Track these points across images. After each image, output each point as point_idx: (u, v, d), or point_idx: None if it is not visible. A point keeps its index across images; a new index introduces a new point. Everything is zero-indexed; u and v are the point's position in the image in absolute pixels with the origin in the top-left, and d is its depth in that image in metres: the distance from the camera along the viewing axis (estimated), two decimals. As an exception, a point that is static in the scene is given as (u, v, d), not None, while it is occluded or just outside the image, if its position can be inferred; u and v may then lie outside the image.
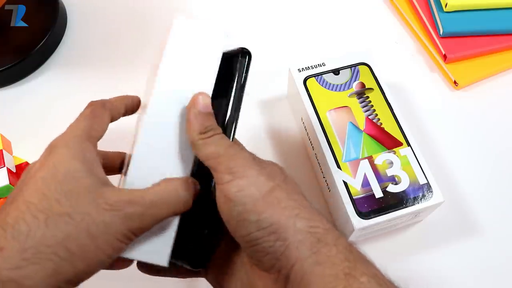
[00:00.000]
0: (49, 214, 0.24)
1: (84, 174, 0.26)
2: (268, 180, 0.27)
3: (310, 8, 0.63)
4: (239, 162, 0.27)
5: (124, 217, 0.25)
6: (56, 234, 0.23)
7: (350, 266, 0.25)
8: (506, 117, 0.52)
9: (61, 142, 0.29)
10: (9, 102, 0.57)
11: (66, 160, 0.26)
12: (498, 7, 0.56)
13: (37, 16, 0.61)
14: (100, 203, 0.25)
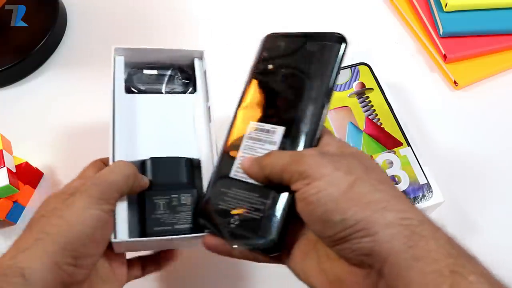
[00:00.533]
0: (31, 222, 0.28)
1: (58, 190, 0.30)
2: (346, 175, 0.25)
3: (310, 8, 0.63)
4: (309, 164, 0.26)
5: (83, 192, 0.29)
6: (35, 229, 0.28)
7: (454, 263, 0.22)
8: (506, 117, 0.52)
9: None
10: (9, 102, 0.57)
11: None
12: (498, 7, 0.56)
13: (37, 16, 0.61)
14: (63, 195, 0.29)
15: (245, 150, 0.32)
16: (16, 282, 0.24)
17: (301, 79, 0.32)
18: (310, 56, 0.32)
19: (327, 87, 0.31)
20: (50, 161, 0.52)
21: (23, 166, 0.48)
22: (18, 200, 0.48)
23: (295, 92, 0.32)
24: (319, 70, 0.32)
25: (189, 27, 0.62)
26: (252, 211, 0.29)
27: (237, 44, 0.60)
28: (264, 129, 0.32)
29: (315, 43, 0.33)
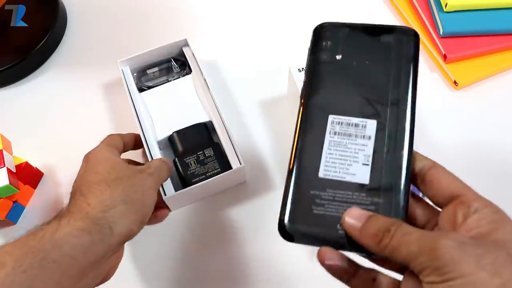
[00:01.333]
0: (107, 181, 0.35)
1: (112, 156, 0.39)
2: (493, 277, 0.21)
3: (310, 8, 0.63)
4: (447, 260, 0.22)
5: (150, 175, 0.38)
6: (117, 190, 0.34)
7: None
8: (506, 117, 0.52)
9: (92, 150, 0.40)
10: (9, 102, 0.57)
11: (99, 152, 0.39)
12: (498, 7, 0.56)
13: (37, 16, 0.61)
14: (132, 168, 0.38)
15: (331, 146, 0.29)
16: (105, 232, 0.31)
17: (379, 71, 0.30)
18: (386, 49, 0.30)
19: (413, 82, 0.29)
20: (50, 161, 0.52)
21: (23, 166, 0.48)
22: (18, 200, 0.48)
23: (375, 86, 0.30)
24: (400, 64, 0.30)
25: (187, 25, 0.62)
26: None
27: (228, 36, 0.60)
28: (351, 122, 0.29)
29: (388, 36, 0.31)
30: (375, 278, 0.27)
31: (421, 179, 0.27)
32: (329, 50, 0.32)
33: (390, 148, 0.28)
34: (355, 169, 0.28)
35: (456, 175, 0.49)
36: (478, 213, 0.24)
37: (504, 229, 0.24)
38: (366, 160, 0.28)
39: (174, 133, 0.49)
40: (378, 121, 0.29)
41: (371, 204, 0.27)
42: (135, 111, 0.50)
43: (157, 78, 0.54)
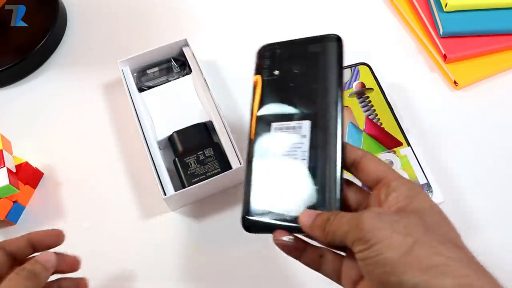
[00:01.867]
0: None
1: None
2: (404, 238, 0.25)
3: (310, 8, 0.63)
4: (367, 229, 0.26)
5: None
6: None
7: None
8: (506, 117, 0.52)
9: None
10: (9, 102, 0.57)
11: None
12: (498, 7, 0.56)
13: (37, 16, 0.61)
14: None
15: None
16: None
17: (309, 79, 0.34)
18: (313, 58, 0.35)
19: (338, 82, 0.33)
20: (50, 161, 0.52)
21: (23, 166, 0.48)
22: (18, 200, 0.48)
23: (307, 91, 0.34)
24: (325, 69, 0.34)
25: (187, 25, 0.62)
26: (307, 197, 0.31)
27: (228, 36, 0.60)
28: (289, 126, 0.33)
29: (313, 46, 0.35)
30: (322, 254, 0.31)
31: (355, 168, 0.31)
32: (268, 68, 0.36)
33: (323, 141, 0.32)
34: (295, 164, 0.32)
35: (456, 174, 0.49)
36: (396, 191, 0.28)
37: (417, 201, 0.28)
38: (303, 155, 0.32)
39: (174, 133, 0.49)
40: (312, 121, 0.33)
41: (311, 190, 0.31)
42: (135, 111, 0.50)
43: (157, 78, 0.55)
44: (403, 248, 0.24)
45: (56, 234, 0.35)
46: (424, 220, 0.26)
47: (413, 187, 0.29)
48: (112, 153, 0.52)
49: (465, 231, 0.45)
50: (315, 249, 0.31)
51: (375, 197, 0.29)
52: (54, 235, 0.35)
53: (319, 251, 0.31)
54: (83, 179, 0.51)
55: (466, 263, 0.24)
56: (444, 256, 0.24)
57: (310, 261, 0.31)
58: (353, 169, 0.31)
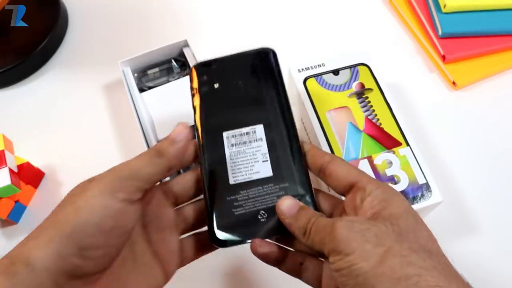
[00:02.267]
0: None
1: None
2: (376, 247, 0.24)
3: (310, 8, 0.63)
4: (339, 240, 0.25)
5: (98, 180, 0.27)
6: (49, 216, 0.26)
7: None
8: (505, 117, 0.53)
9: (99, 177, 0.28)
10: (11, 103, 0.58)
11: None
12: (496, 8, 0.57)
13: (38, 16, 0.62)
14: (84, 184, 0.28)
15: (233, 157, 0.33)
16: (20, 271, 0.24)
17: (251, 87, 0.35)
18: (250, 69, 0.36)
19: (280, 84, 0.35)
20: (51, 161, 0.52)
21: (24, 166, 0.49)
22: (19, 200, 0.48)
23: (252, 98, 0.35)
24: (265, 75, 0.35)
25: (187, 25, 0.63)
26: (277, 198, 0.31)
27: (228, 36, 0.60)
28: (242, 132, 0.34)
29: (248, 59, 0.36)
30: (303, 262, 0.30)
31: (323, 173, 0.30)
32: (207, 82, 0.36)
33: (279, 141, 0.33)
34: (258, 167, 0.32)
35: (455, 175, 0.49)
36: (371, 195, 0.27)
37: (392, 205, 0.27)
38: (264, 157, 0.33)
39: None
40: (264, 124, 0.33)
41: (280, 190, 0.31)
42: (136, 111, 0.50)
43: (158, 79, 0.55)
44: (374, 259, 0.24)
45: None
46: (398, 225, 0.26)
47: (388, 190, 0.28)
48: (112, 153, 0.53)
49: (463, 231, 0.46)
50: (295, 257, 0.31)
51: (350, 202, 0.29)
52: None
53: (299, 258, 0.31)
54: (84, 179, 0.51)
55: (439, 271, 0.24)
56: (416, 266, 0.24)
57: (291, 269, 0.31)
58: (322, 174, 0.31)
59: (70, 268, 0.25)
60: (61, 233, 0.25)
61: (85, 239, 0.25)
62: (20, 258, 0.24)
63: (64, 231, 0.25)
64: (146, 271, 0.29)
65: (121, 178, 0.27)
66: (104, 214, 0.26)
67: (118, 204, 0.27)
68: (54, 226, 0.25)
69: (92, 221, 0.26)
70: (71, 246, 0.25)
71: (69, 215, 0.25)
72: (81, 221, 0.25)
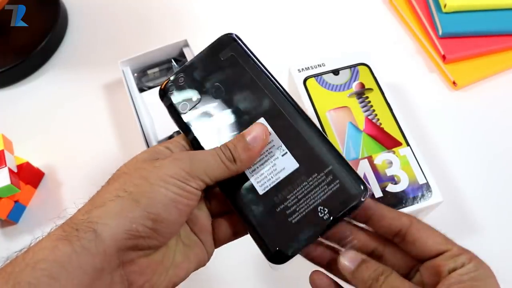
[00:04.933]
0: (111, 177, 0.28)
1: (146, 155, 0.29)
2: None
3: (309, 8, 0.63)
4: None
5: (174, 160, 0.27)
6: (114, 185, 0.26)
7: None
8: (505, 117, 0.53)
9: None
10: (11, 103, 0.58)
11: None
12: (496, 8, 0.57)
13: (38, 16, 0.62)
14: (153, 161, 0.28)
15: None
16: (86, 237, 0.24)
17: (233, 83, 0.31)
18: (222, 64, 0.32)
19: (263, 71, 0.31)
20: (51, 161, 0.52)
21: (24, 166, 0.49)
22: (19, 200, 0.48)
23: (240, 95, 0.31)
24: (242, 66, 0.31)
25: (187, 25, 0.63)
26: (319, 192, 0.28)
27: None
28: None
29: (215, 54, 0.32)
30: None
31: (401, 239, 0.27)
32: (183, 101, 0.32)
33: (289, 125, 0.29)
34: (281, 164, 0.29)
35: (455, 175, 0.49)
36: (463, 268, 0.25)
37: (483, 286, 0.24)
38: (282, 150, 0.29)
39: (174, 133, 0.49)
40: (264, 116, 0.30)
41: (318, 175, 0.28)
42: (136, 111, 0.50)
43: (158, 79, 0.55)
44: None
45: None
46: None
47: (481, 266, 0.26)
48: (112, 153, 0.52)
49: (463, 231, 0.46)
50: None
51: (433, 271, 0.26)
52: None
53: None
54: (84, 179, 0.51)
55: None
56: None
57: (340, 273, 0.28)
58: (398, 240, 0.27)
59: (139, 241, 0.25)
60: (137, 204, 0.25)
61: (162, 214, 0.26)
62: (86, 224, 0.24)
63: (141, 203, 0.25)
64: (193, 251, 0.29)
65: (195, 168, 0.27)
66: (181, 195, 0.26)
67: (189, 188, 0.27)
68: (128, 197, 0.25)
69: (170, 198, 0.26)
70: (146, 218, 0.25)
71: (144, 188, 0.26)
72: (159, 197, 0.26)
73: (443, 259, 0.26)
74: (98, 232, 0.24)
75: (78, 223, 0.24)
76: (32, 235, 0.26)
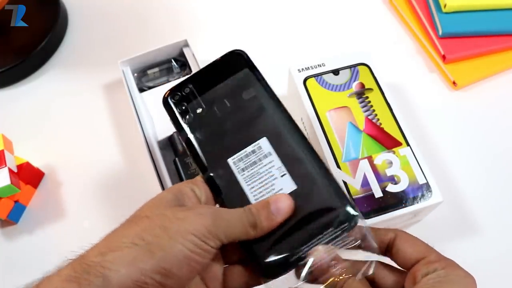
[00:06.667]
0: (132, 218, 0.28)
1: (170, 197, 0.29)
2: None
3: (309, 8, 0.63)
4: None
5: (197, 214, 0.27)
6: (134, 228, 0.26)
7: None
8: (505, 117, 0.53)
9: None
10: (11, 102, 0.58)
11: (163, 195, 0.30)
12: (496, 8, 0.57)
13: (38, 16, 0.62)
14: (177, 209, 0.28)
15: (248, 181, 0.30)
16: (96, 282, 0.24)
17: (238, 102, 0.32)
18: (230, 81, 0.32)
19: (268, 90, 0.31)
20: (51, 161, 0.52)
21: (24, 166, 0.49)
22: (19, 200, 0.48)
23: (244, 114, 0.31)
24: (248, 85, 0.32)
25: (187, 25, 0.63)
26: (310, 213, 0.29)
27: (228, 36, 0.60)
28: (247, 152, 0.31)
29: (223, 69, 0.32)
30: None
31: (389, 252, 0.29)
32: (188, 110, 0.32)
33: (290, 148, 0.30)
34: (279, 184, 0.30)
35: (455, 175, 0.49)
36: (433, 274, 0.26)
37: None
38: (282, 171, 0.30)
39: (174, 133, 0.49)
40: (267, 136, 0.30)
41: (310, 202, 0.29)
42: (136, 111, 0.50)
43: (158, 79, 0.55)
44: None
45: None
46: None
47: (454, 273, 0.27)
48: (112, 153, 0.52)
49: (464, 231, 0.46)
50: None
51: (411, 274, 0.28)
52: None
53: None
54: (84, 179, 0.51)
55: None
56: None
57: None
58: (388, 254, 0.30)
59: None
60: (151, 257, 0.25)
61: (173, 269, 0.25)
62: (97, 268, 0.24)
63: (155, 256, 0.25)
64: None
65: (217, 227, 0.27)
66: (193, 251, 0.26)
67: (206, 247, 0.27)
68: (144, 247, 0.25)
69: (185, 254, 0.26)
70: (157, 273, 0.25)
71: (162, 240, 0.26)
72: (175, 252, 0.26)
73: (419, 265, 0.27)
74: (109, 278, 0.24)
75: (90, 265, 0.25)
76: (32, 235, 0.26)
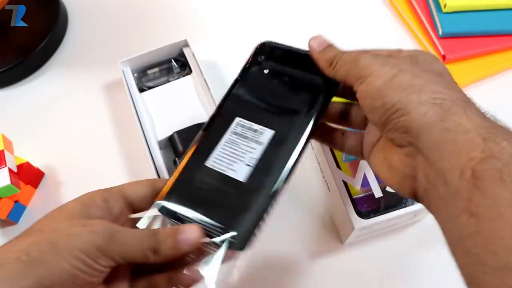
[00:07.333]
0: (27, 230, 0.27)
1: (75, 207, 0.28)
2: (391, 68, 0.28)
3: (309, 8, 0.63)
4: (363, 66, 0.29)
5: (91, 232, 0.26)
6: (23, 242, 0.25)
7: (486, 132, 0.24)
8: (505, 117, 0.52)
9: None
10: (11, 102, 0.58)
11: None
12: (496, 8, 0.57)
13: (38, 16, 0.62)
14: (74, 222, 0.27)
15: (227, 143, 0.32)
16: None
17: (292, 90, 0.34)
18: (305, 74, 0.34)
19: (317, 109, 0.32)
20: (51, 161, 0.52)
21: (24, 166, 0.49)
22: (19, 200, 0.48)
23: (285, 102, 0.33)
24: (309, 89, 0.33)
25: (187, 25, 0.63)
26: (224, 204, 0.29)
27: (228, 36, 0.60)
28: (252, 128, 0.32)
29: (309, 62, 0.33)
30: (344, 132, 0.35)
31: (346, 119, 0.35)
32: (260, 64, 0.36)
33: (276, 160, 0.31)
34: (238, 167, 0.31)
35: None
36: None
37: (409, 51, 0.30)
38: (250, 162, 0.31)
39: (174, 133, 0.49)
40: (275, 132, 0.32)
41: (240, 199, 0.29)
42: (136, 111, 0.50)
43: (158, 79, 0.55)
44: (387, 76, 0.27)
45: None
46: (416, 58, 0.29)
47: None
48: (112, 153, 0.52)
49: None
50: (337, 130, 0.35)
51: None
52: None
53: (340, 130, 0.35)
54: (84, 179, 0.51)
55: (444, 84, 0.27)
56: (423, 79, 0.27)
57: (334, 140, 0.35)
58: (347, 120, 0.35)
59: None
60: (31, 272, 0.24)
61: (53, 286, 0.24)
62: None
63: (36, 272, 0.24)
64: None
65: (112, 248, 0.26)
66: (81, 269, 0.25)
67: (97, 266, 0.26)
68: (27, 262, 0.24)
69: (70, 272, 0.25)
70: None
71: (47, 257, 0.25)
72: (58, 268, 0.25)
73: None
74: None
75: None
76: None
